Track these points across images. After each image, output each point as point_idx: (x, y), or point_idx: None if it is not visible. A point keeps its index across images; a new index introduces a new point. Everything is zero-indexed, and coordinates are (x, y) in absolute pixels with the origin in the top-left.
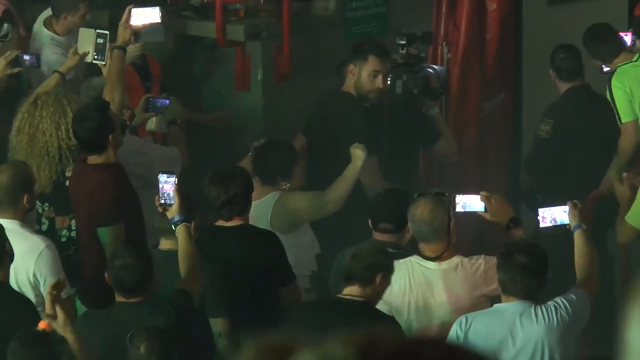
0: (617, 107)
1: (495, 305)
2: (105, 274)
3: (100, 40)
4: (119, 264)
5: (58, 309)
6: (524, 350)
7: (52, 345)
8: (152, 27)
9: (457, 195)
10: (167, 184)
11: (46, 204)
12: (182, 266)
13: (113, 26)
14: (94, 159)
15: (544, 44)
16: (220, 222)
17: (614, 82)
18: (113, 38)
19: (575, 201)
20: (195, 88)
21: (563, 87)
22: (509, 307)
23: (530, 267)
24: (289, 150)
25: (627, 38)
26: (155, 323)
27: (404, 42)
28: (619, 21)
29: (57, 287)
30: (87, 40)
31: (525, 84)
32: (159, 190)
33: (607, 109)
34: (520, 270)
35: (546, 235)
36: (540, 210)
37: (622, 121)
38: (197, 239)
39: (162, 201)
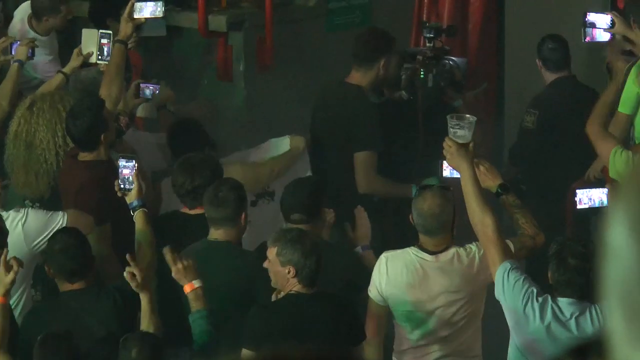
0: (622, 96)
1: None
2: (46, 267)
3: (104, 41)
4: (59, 247)
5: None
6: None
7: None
8: (154, 21)
9: (445, 161)
10: (126, 169)
11: (37, 204)
12: (138, 252)
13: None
14: (84, 156)
15: (527, 33)
16: (184, 210)
17: (631, 71)
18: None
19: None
20: (177, 79)
21: (549, 77)
22: None
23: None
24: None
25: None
26: (101, 308)
27: (431, 35)
28: (602, 10)
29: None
30: (90, 41)
31: (507, 73)
32: (118, 174)
33: (593, 101)
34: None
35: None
36: (579, 192)
37: (618, 109)
38: (157, 223)
39: (122, 186)
